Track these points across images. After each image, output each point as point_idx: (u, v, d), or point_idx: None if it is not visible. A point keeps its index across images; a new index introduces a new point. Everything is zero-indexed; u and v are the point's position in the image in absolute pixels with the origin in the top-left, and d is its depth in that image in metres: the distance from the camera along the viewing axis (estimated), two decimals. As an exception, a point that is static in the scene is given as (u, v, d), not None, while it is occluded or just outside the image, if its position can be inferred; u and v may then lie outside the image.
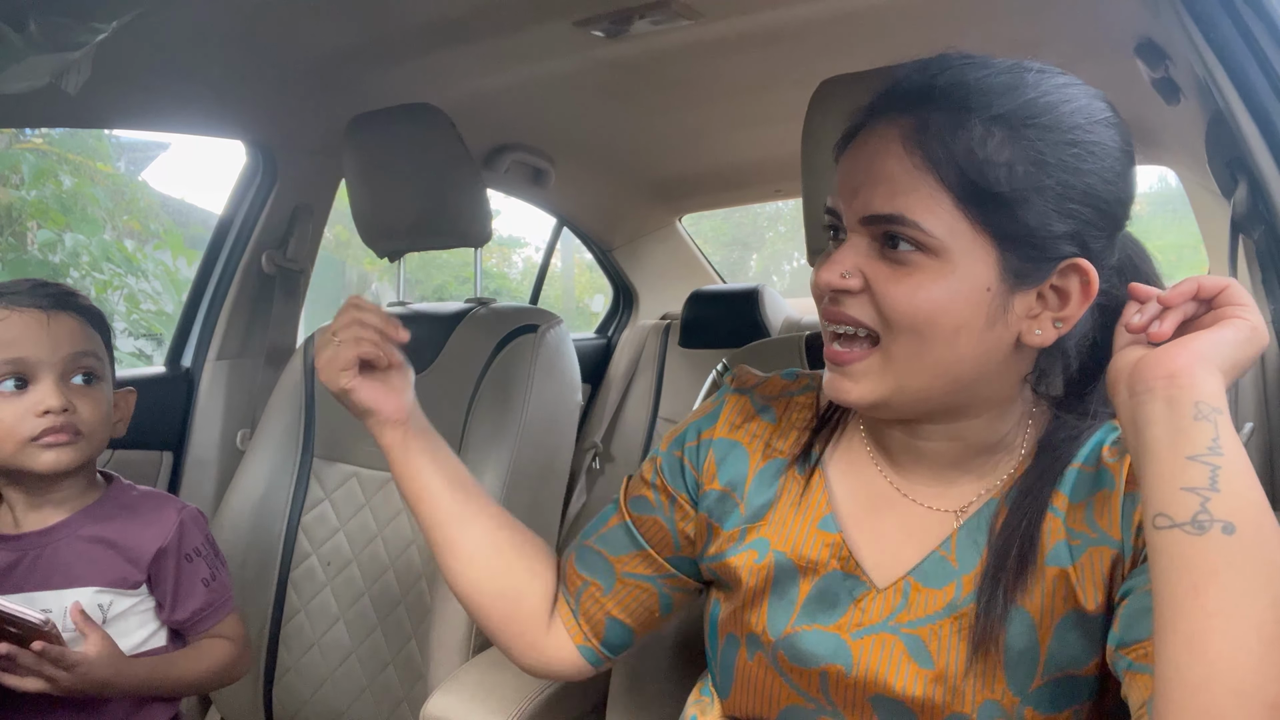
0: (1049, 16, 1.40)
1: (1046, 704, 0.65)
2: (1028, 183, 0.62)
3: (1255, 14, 0.83)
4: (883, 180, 0.64)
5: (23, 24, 0.97)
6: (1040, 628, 0.65)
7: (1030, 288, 0.65)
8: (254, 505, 1.48)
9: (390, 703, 1.37)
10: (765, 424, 0.81)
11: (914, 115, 0.64)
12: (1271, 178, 0.81)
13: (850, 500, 0.75)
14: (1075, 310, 0.65)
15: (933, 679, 0.67)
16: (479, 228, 1.47)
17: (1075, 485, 0.68)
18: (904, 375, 0.66)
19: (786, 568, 0.74)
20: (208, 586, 1.08)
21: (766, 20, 1.42)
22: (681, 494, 0.83)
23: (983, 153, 0.62)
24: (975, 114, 0.62)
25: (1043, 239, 0.63)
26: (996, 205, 0.62)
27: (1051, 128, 0.62)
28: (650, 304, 2.95)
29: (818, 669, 0.71)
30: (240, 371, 1.80)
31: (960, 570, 0.69)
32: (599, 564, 0.86)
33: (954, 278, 0.63)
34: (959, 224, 0.63)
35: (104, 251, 3.66)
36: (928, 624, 0.68)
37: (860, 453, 0.77)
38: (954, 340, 0.64)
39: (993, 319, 0.64)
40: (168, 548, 1.04)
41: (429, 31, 1.44)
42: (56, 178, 3.70)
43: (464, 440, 1.38)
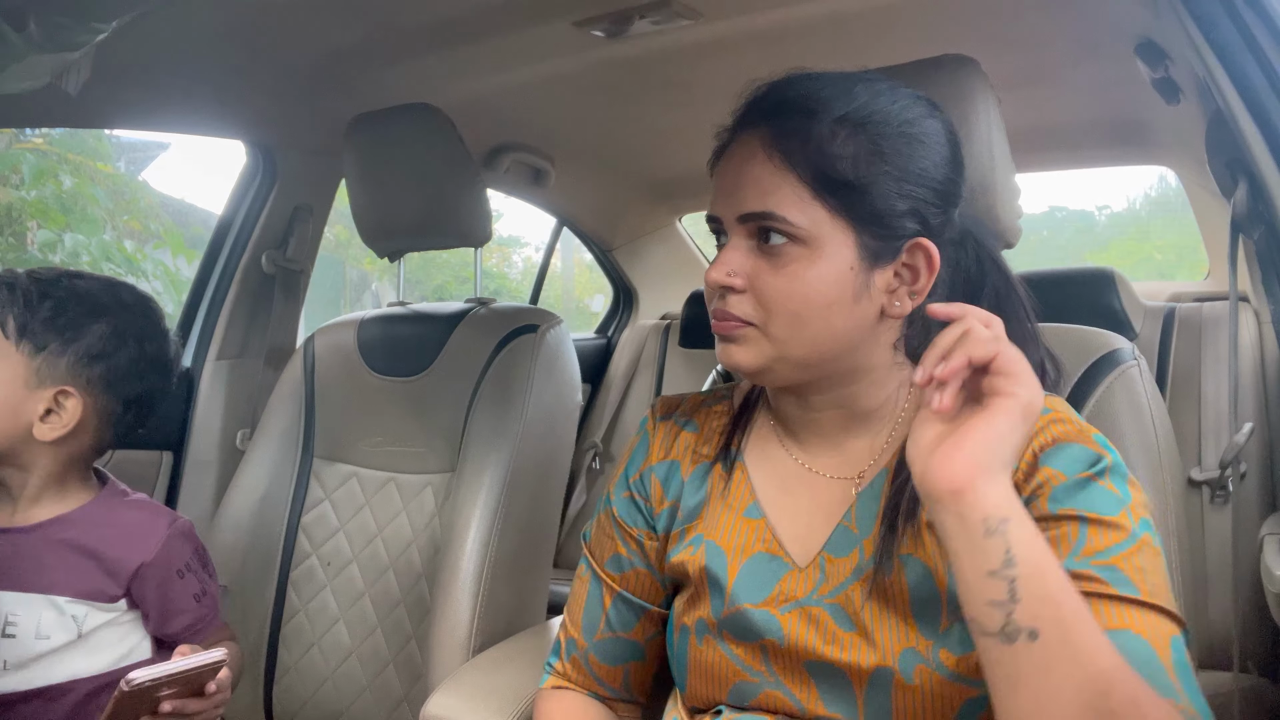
0: (1049, 16, 1.40)
1: (956, 644, 0.70)
2: (871, 170, 0.72)
3: (1255, 14, 0.83)
4: (751, 182, 0.74)
5: (23, 24, 0.96)
6: (935, 574, 0.72)
7: (886, 265, 0.75)
8: (254, 505, 1.48)
9: (390, 703, 1.37)
10: (690, 435, 0.89)
11: (770, 125, 0.74)
12: (1271, 178, 0.81)
13: (766, 484, 0.83)
14: (925, 283, 0.75)
15: (855, 640, 0.73)
16: (479, 228, 1.47)
17: None
18: (784, 346, 0.75)
19: (717, 554, 0.81)
20: (199, 601, 1.06)
21: (767, 20, 1.42)
22: (643, 530, 0.89)
23: (830, 149, 0.72)
24: (820, 118, 0.73)
25: (889, 218, 0.73)
26: (848, 192, 0.72)
27: (884, 123, 0.73)
28: (650, 304, 2.95)
29: (757, 642, 0.77)
30: (240, 371, 1.80)
31: (860, 535, 0.76)
32: (625, 647, 0.91)
33: (822, 261, 0.73)
34: (819, 214, 0.72)
35: (104, 251, 3.66)
36: (842, 591, 0.75)
37: (769, 436, 0.86)
38: (827, 315, 0.73)
39: (858, 294, 0.74)
40: (151, 564, 1.02)
41: (429, 31, 1.44)
42: (56, 178, 3.70)
43: (464, 440, 1.38)
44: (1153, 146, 2.02)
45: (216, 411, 1.76)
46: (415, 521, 1.40)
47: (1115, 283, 1.90)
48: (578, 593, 0.94)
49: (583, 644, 0.92)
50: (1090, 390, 0.91)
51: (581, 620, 0.92)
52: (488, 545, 1.28)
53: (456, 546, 1.28)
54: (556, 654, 0.95)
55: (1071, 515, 0.66)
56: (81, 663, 1.00)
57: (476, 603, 1.26)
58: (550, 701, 0.93)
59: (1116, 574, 0.63)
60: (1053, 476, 0.68)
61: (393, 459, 1.45)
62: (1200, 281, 2.45)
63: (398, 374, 1.48)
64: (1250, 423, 1.47)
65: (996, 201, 0.97)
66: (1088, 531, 0.65)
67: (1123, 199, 9.18)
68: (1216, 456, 1.62)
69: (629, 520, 0.90)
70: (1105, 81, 1.64)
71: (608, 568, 0.91)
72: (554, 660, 0.95)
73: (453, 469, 1.38)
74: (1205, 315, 1.80)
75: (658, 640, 0.91)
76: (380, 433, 1.46)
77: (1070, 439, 0.70)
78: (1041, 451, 0.70)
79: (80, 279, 1.06)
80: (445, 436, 1.41)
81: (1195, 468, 1.64)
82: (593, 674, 0.92)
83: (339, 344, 1.54)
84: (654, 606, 0.90)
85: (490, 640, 1.26)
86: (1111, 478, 0.68)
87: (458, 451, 1.39)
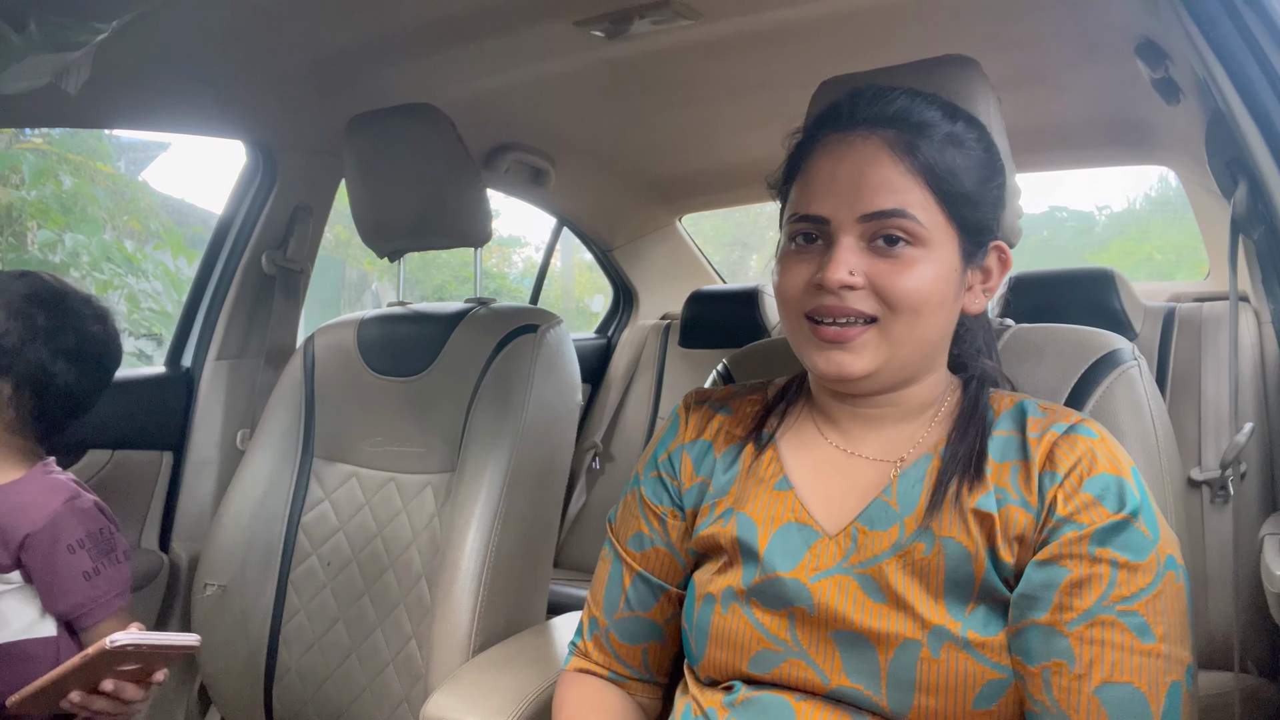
0: (1049, 16, 1.40)
1: (981, 625, 0.73)
2: (979, 184, 0.80)
3: (1255, 14, 0.83)
4: (882, 183, 0.77)
5: (23, 24, 0.97)
6: (975, 559, 0.74)
7: (974, 266, 0.82)
8: (254, 505, 1.48)
9: (390, 703, 1.37)
10: (724, 417, 0.93)
11: (886, 132, 0.78)
12: (1271, 178, 0.81)
13: (801, 466, 0.86)
14: (997, 280, 0.84)
15: (885, 611, 0.76)
16: (479, 228, 1.47)
17: (1000, 449, 0.79)
18: (897, 346, 0.78)
19: (748, 525, 0.84)
20: (89, 580, 1.07)
21: (767, 20, 1.42)
22: (668, 508, 0.91)
23: (944, 161, 0.78)
24: (933, 133, 0.78)
25: (986, 225, 0.81)
26: (963, 201, 0.78)
27: (983, 146, 0.82)
28: (650, 304, 2.95)
29: (785, 610, 0.79)
30: (240, 371, 1.80)
31: (902, 513, 0.79)
32: (645, 627, 0.93)
33: (936, 262, 0.77)
34: (938, 217, 0.78)
35: (104, 251, 3.66)
36: (876, 563, 0.77)
37: (809, 430, 0.88)
38: (938, 313, 0.79)
39: (958, 294, 0.81)
40: (35, 535, 1.04)
41: (429, 31, 1.44)
42: (56, 178, 3.70)
43: (464, 440, 1.38)
44: (1153, 146, 2.02)
45: (216, 411, 1.76)
46: (415, 521, 1.40)
47: (1115, 283, 1.90)
48: (600, 572, 0.96)
49: (604, 622, 0.94)
50: (1090, 390, 0.91)
51: (603, 599, 0.94)
52: (488, 545, 1.28)
53: (456, 546, 1.28)
54: (579, 633, 0.97)
55: (1106, 559, 0.71)
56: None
57: (476, 603, 1.26)
58: (570, 687, 0.95)
59: (1137, 619, 0.70)
60: (1094, 509, 0.72)
61: (393, 459, 1.45)
62: (1200, 281, 2.45)
63: (398, 374, 1.48)
64: (1250, 423, 1.47)
65: (996, 201, 0.96)
66: (1118, 577, 0.70)
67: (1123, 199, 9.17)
68: (1216, 456, 1.62)
69: (654, 498, 0.92)
70: (1105, 81, 1.64)
71: (629, 545, 0.93)
72: (577, 639, 0.97)
73: (453, 469, 1.38)
74: (1205, 315, 1.80)
75: (676, 622, 0.92)
76: (380, 433, 1.46)
77: (1115, 471, 0.74)
78: (1089, 475, 0.74)
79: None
80: (445, 436, 1.41)
81: (1195, 468, 1.64)
82: (613, 652, 0.93)
83: (339, 344, 1.54)
84: (673, 587, 0.91)
85: (490, 640, 1.26)
86: (1144, 519, 0.72)
87: (458, 451, 1.39)
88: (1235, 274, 1.09)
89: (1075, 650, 0.70)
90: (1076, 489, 0.73)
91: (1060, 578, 0.71)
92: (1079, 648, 0.70)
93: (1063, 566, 0.71)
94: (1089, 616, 0.70)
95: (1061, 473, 0.74)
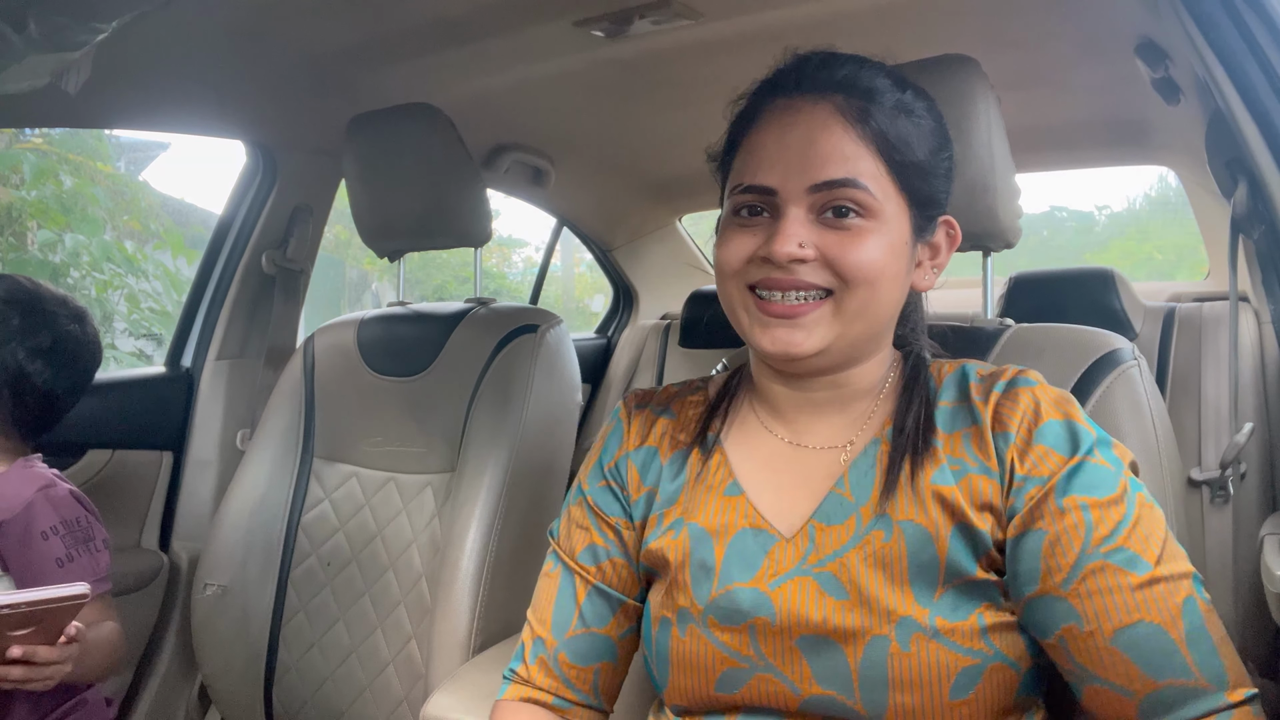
0: (1049, 16, 1.40)
1: (949, 610, 0.71)
2: (930, 154, 0.77)
3: (1255, 14, 0.83)
4: (833, 151, 0.73)
5: (23, 24, 0.96)
6: (937, 540, 0.72)
7: (924, 241, 0.79)
8: (254, 505, 1.48)
9: (390, 703, 1.37)
10: (667, 422, 0.88)
11: (835, 98, 0.75)
12: (1271, 178, 0.81)
13: (748, 465, 0.82)
14: (946, 257, 0.82)
15: (848, 607, 0.73)
16: (479, 228, 1.47)
17: (949, 419, 0.77)
18: (849, 323, 0.75)
19: (701, 537, 0.79)
20: (62, 567, 1.08)
21: (766, 20, 1.42)
22: (620, 519, 0.87)
23: (896, 129, 0.74)
24: (881, 101, 0.75)
25: (936, 198, 0.78)
26: (914, 172, 0.75)
27: (932, 116, 0.78)
28: (650, 304, 2.95)
29: (745, 624, 0.76)
30: (240, 371, 1.80)
31: (857, 504, 0.76)
32: (598, 645, 0.87)
33: (887, 234, 0.74)
34: (889, 188, 0.74)
35: (104, 252, 3.66)
36: (836, 559, 0.74)
37: (752, 424, 0.85)
38: (891, 288, 0.76)
39: (909, 268, 0.78)
40: (9, 523, 1.05)
41: (429, 31, 1.44)
42: (57, 178, 3.70)
43: (464, 440, 1.38)
44: (1153, 146, 2.02)
45: (216, 411, 1.76)
46: (415, 521, 1.40)
47: (1115, 283, 1.90)
48: (545, 590, 0.89)
49: (552, 643, 0.87)
50: (1090, 390, 0.91)
51: (551, 618, 0.87)
52: (488, 545, 1.28)
53: (456, 546, 1.28)
54: (520, 658, 0.89)
55: (1075, 505, 0.69)
56: None
57: (476, 603, 1.26)
58: (506, 715, 0.87)
59: (1125, 554, 0.68)
60: (1049, 458, 0.71)
61: (393, 459, 1.45)
62: (1200, 281, 2.45)
63: (398, 374, 1.48)
64: (1250, 423, 1.47)
65: (996, 201, 0.97)
66: (1092, 518, 0.69)
67: (1123, 199, 9.18)
68: (1216, 456, 1.62)
69: (606, 509, 0.87)
70: (1105, 81, 1.64)
71: (581, 560, 0.87)
72: (516, 665, 0.89)
73: (453, 469, 1.38)
74: (1205, 315, 1.80)
75: (630, 639, 0.88)
76: (380, 433, 1.46)
77: (1060, 415, 0.73)
78: (1036, 425, 0.72)
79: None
80: (445, 436, 1.41)
81: (1195, 468, 1.64)
82: (561, 676, 0.86)
83: (339, 344, 1.54)
84: (629, 599, 0.87)
85: (490, 640, 1.26)
86: (1100, 452, 0.71)
87: (458, 451, 1.39)
88: (1235, 274, 1.09)
89: (1078, 608, 0.68)
90: (1029, 443, 0.72)
91: (1039, 543, 0.70)
92: (1080, 604, 0.68)
93: (1037, 530, 0.70)
94: (1078, 570, 0.68)
95: (1012, 430, 0.72)
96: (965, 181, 0.95)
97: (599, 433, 0.93)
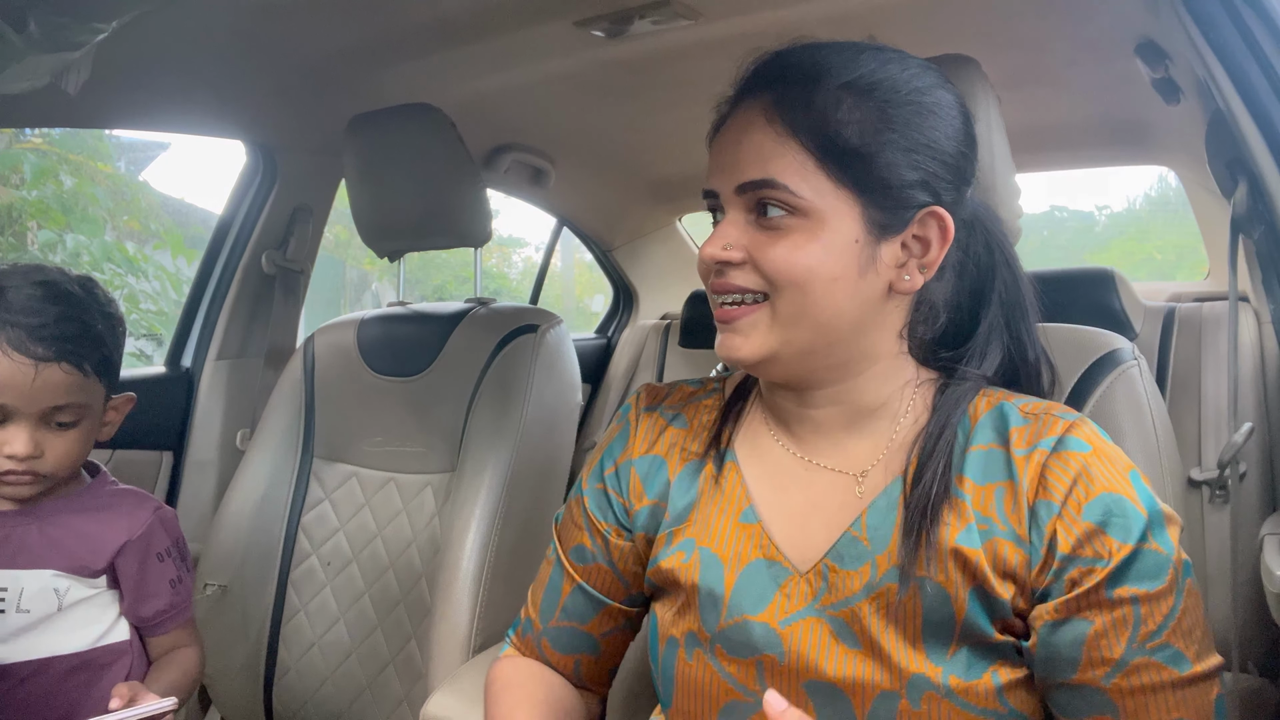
0: (1049, 16, 1.40)
1: (963, 669, 0.68)
2: (876, 137, 0.69)
3: (1255, 14, 0.83)
4: (751, 150, 0.71)
5: (23, 24, 0.96)
6: (955, 600, 0.68)
7: (894, 237, 0.71)
8: (254, 505, 1.48)
9: (390, 703, 1.37)
10: (678, 431, 0.85)
11: (772, 92, 0.71)
12: (1271, 178, 0.81)
13: (760, 482, 0.78)
14: (936, 254, 0.72)
15: (859, 659, 0.70)
16: (479, 228, 1.47)
17: (981, 468, 0.71)
18: (789, 328, 0.71)
19: (712, 563, 0.77)
20: (174, 588, 1.08)
21: (767, 20, 1.42)
22: (611, 526, 0.85)
23: (835, 115, 0.69)
24: (825, 84, 0.70)
25: (897, 189, 0.70)
26: (853, 160, 0.69)
27: (893, 90, 0.70)
28: (650, 304, 2.95)
29: (753, 659, 0.73)
30: (240, 371, 1.80)
31: (874, 551, 0.71)
32: (578, 639, 0.87)
33: (825, 234, 0.69)
34: (823, 184, 0.69)
35: (105, 252, 3.66)
36: (848, 605, 0.71)
37: (762, 431, 0.81)
38: (831, 291, 0.70)
39: (864, 268, 0.70)
40: (133, 542, 1.05)
41: (429, 31, 1.44)
42: (57, 178, 3.70)
43: (464, 440, 1.38)
44: (1153, 146, 2.02)
45: (216, 411, 1.76)
46: (415, 521, 1.40)
47: (1115, 283, 1.90)
48: (542, 573, 0.90)
49: (538, 626, 0.88)
50: (1090, 390, 0.91)
51: (540, 602, 0.89)
52: (488, 545, 1.28)
53: (456, 546, 1.28)
54: (515, 629, 0.92)
55: (1127, 599, 0.64)
56: (60, 639, 1.02)
57: (476, 603, 1.26)
58: (505, 663, 0.90)
59: (1169, 651, 0.65)
60: (1099, 540, 0.65)
61: (393, 459, 1.45)
62: (1200, 281, 2.45)
63: (398, 374, 1.48)
64: (1250, 423, 1.47)
65: (996, 201, 0.97)
66: (1142, 613, 0.64)
67: (1123, 199, 9.17)
68: (1216, 456, 1.62)
69: (598, 514, 0.86)
70: (1105, 81, 1.64)
71: (571, 557, 0.87)
72: (512, 633, 0.93)
73: (453, 469, 1.38)
74: (1205, 315, 1.80)
75: (613, 636, 0.88)
76: (380, 433, 1.46)
77: (1114, 488, 0.66)
78: (1088, 499, 0.66)
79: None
80: (445, 436, 1.41)
81: (1195, 468, 1.64)
82: (544, 658, 0.89)
83: (339, 344, 1.54)
84: (614, 602, 0.86)
85: (490, 640, 1.26)
86: (1154, 535, 0.65)
87: (458, 451, 1.39)
88: (1235, 274, 1.09)
89: (1117, 703, 0.65)
90: (1076, 517, 0.65)
91: (1083, 633, 0.65)
92: (1120, 700, 0.65)
93: (1082, 620, 0.65)
94: (1122, 666, 0.64)
95: (1058, 501, 0.66)
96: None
97: (607, 428, 0.92)
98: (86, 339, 1.01)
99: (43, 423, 0.99)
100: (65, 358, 0.98)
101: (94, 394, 1.04)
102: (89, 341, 1.01)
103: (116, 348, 1.07)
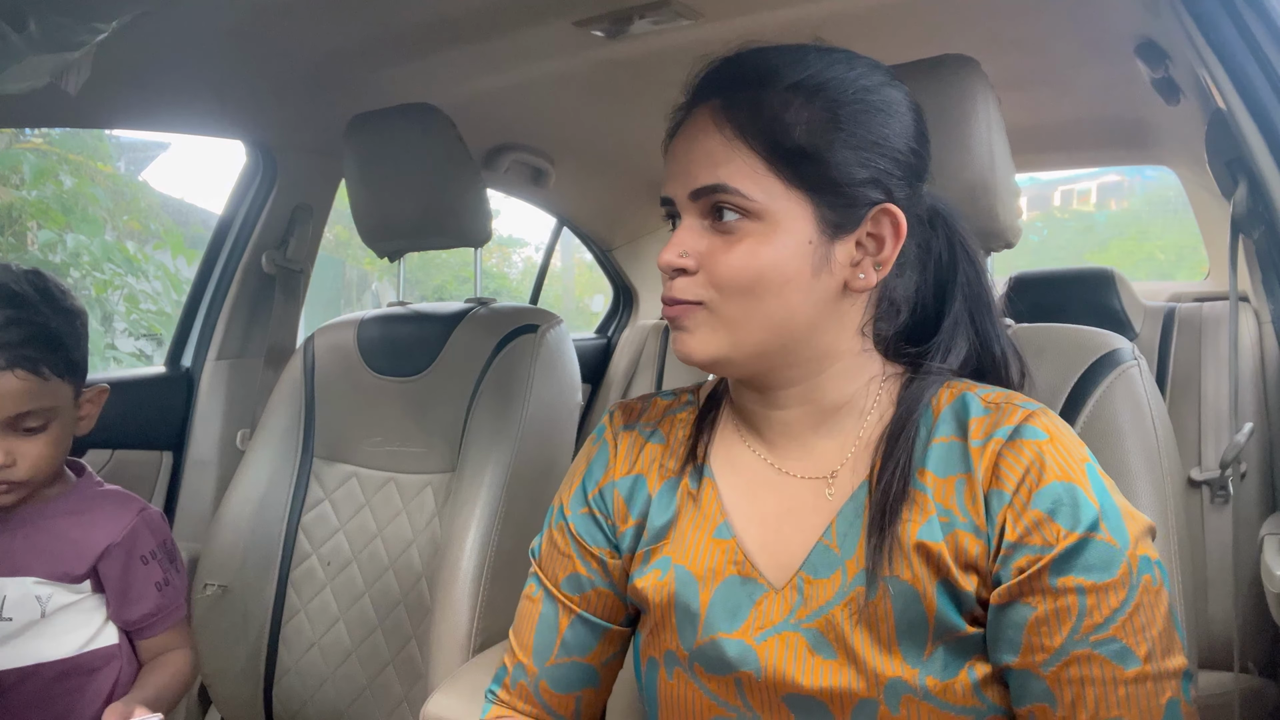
0: (1049, 16, 1.40)
1: (939, 669, 0.67)
2: (825, 136, 0.69)
3: (1255, 14, 0.83)
4: (702, 157, 0.71)
5: (23, 24, 0.96)
6: (925, 598, 0.67)
7: (848, 235, 0.71)
8: (254, 505, 1.48)
9: (390, 703, 1.37)
10: (656, 447, 0.84)
11: (721, 97, 0.71)
12: (1271, 178, 0.81)
13: (735, 493, 0.78)
14: (891, 252, 0.72)
15: (836, 668, 0.69)
16: (479, 228, 1.47)
17: (943, 461, 0.70)
18: (736, 330, 0.71)
19: (687, 580, 0.76)
20: (160, 591, 1.07)
21: (766, 20, 1.42)
22: (604, 549, 0.83)
23: (784, 117, 0.69)
24: (772, 86, 0.70)
25: (848, 187, 0.70)
26: (803, 161, 0.69)
27: (840, 90, 0.70)
28: (650, 304, 2.95)
29: (732, 675, 0.73)
30: (240, 371, 1.80)
31: (843, 556, 0.71)
32: (579, 673, 0.84)
33: (778, 236, 0.69)
34: (774, 186, 0.69)
35: (105, 252, 3.66)
36: (822, 615, 0.70)
37: (735, 439, 0.81)
38: (783, 293, 0.70)
39: (817, 268, 0.70)
40: (116, 546, 1.04)
41: (429, 31, 1.44)
42: (57, 178, 3.70)
43: (464, 440, 1.38)
44: (1153, 146, 2.03)
45: (216, 411, 1.76)
46: (415, 521, 1.40)
47: (1115, 283, 1.90)
48: (527, 613, 0.85)
49: (533, 670, 0.84)
50: (1090, 390, 0.91)
51: (533, 644, 0.84)
52: (488, 545, 1.28)
53: (456, 546, 1.28)
54: (500, 681, 0.86)
55: (1071, 588, 0.63)
56: (46, 646, 1.01)
57: (476, 603, 1.26)
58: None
59: (1115, 646, 0.63)
60: (1045, 528, 0.64)
61: (393, 459, 1.45)
62: (1200, 281, 2.46)
63: (398, 374, 1.48)
64: (1250, 423, 1.47)
65: (996, 201, 0.97)
66: (1087, 603, 0.63)
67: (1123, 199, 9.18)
68: (1216, 456, 1.62)
69: (589, 539, 0.83)
70: (1105, 81, 1.64)
71: (564, 588, 0.83)
72: (497, 688, 0.86)
73: (453, 469, 1.38)
74: (1205, 315, 1.80)
75: (614, 664, 0.85)
76: (380, 433, 1.46)
77: (1066, 477, 0.65)
78: (1037, 487, 0.66)
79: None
80: (445, 436, 1.41)
81: (1195, 468, 1.64)
82: (543, 703, 0.84)
83: (339, 344, 1.54)
84: (615, 625, 0.84)
85: (490, 640, 1.26)
86: (1106, 526, 0.64)
87: (458, 451, 1.39)
88: (1235, 274, 1.09)
89: (1055, 692, 0.64)
90: (1025, 506, 0.65)
91: (1024, 618, 0.64)
92: (1058, 689, 0.64)
93: (1025, 604, 0.64)
94: (1062, 655, 0.63)
95: (1009, 490, 0.66)
96: (965, 181, 0.95)
97: (583, 451, 0.89)
98: (39, 341, 0.97)
99: (9, 430, 0.97)
100: (18, 364, 0.95)
101: (59, 394, 1.00)
102: (42, 343, 0.98)
103: (78, 342, 1.03)
